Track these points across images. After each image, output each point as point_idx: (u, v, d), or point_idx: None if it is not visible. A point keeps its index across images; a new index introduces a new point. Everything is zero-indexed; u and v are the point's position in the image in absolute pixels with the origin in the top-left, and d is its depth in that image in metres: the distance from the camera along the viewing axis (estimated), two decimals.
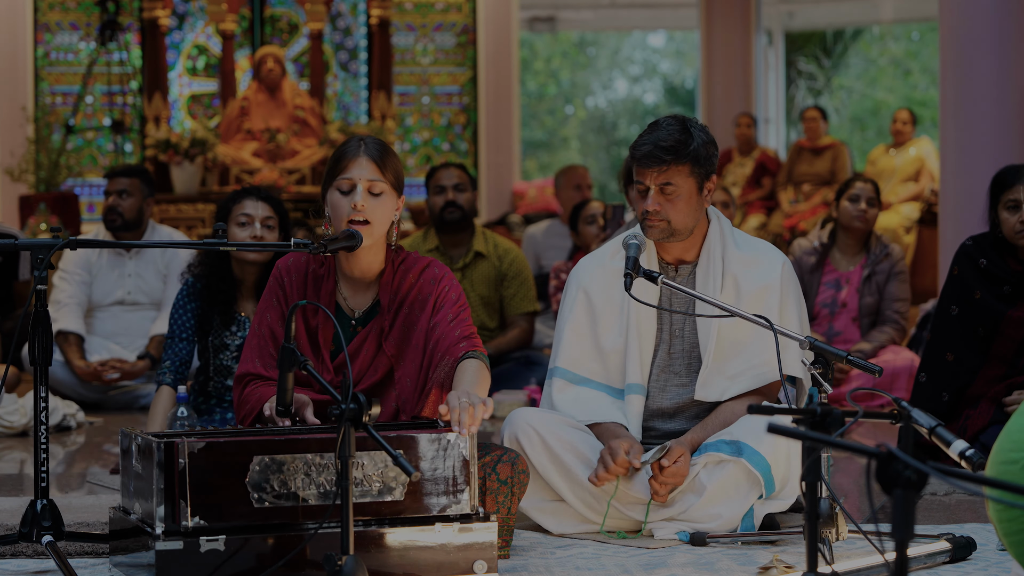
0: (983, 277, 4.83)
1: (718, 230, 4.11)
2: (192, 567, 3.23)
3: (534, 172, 21.49)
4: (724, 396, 4.04)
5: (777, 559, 3.53)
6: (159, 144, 10.80)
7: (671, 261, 4.12)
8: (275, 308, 3.82)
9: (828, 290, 6.94)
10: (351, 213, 3.71)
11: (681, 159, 3.95)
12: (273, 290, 3.84)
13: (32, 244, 3.55)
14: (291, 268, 3.85)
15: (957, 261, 4.89)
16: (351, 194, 3.73)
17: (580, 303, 4.16)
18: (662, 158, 3.94)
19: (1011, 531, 3.13)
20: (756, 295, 4.04)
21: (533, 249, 9.08)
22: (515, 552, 3.77)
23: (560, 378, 4.14)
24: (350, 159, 3.75)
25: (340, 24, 12.93)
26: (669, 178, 3.96)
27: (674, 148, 3.94)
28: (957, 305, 4.87)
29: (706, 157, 4.00)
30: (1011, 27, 7.53)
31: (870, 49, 20.82)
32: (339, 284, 3.85)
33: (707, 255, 4.09)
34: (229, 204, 5.01)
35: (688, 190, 3.98)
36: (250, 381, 3.79)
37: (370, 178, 3.74)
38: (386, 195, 3.76)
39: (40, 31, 12.51)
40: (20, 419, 6.19)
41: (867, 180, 6.97)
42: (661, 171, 3.95)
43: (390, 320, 3.79)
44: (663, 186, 3.96)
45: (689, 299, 4.08)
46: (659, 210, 3.97)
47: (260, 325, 3.83)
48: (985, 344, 4.82)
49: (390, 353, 3.77)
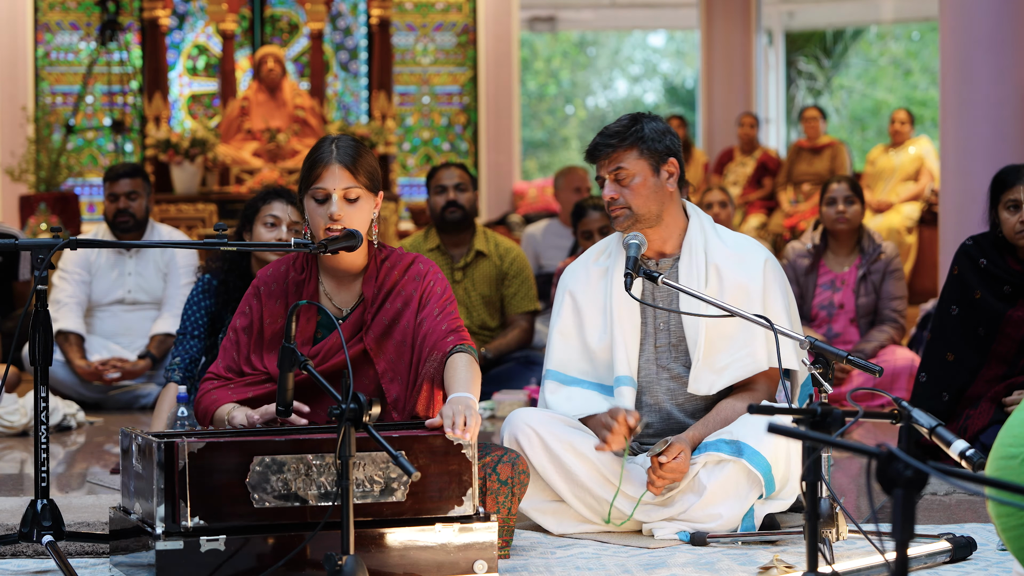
0: (983, 277, 4.83)
1: (699, 224, 4.16)
2: (192, 567, 3.23)
3: (534, 172, 21.49)
4: (713, 389, 4.07)
5: (777, 559, 3.53)
6: (159, 144, 10.80)
7: (651, 255, 4.15)
8: (245, 315, 3.84)
9: (824, 292, 6.93)
10: (328, 223, 3.73)
11: (625, 142, 4.06)
12: (248, 299, 3.86)
13: (32, 244, 3.55)
14: (269, 279, 3.86)
15: (957, 261, 4.90)
16: (326, 203, 3.75)
17: (567, 306, 4.21)
18: (608, 143, 4.07)
19: (1009, 526, 3.14)
20: (739, 287, 4.07)
21: (533, 248, 9.08)
22: (515, 552, 3.77)
23: (552, 380, 4.18)
24: (323, 166, 3.76)
25: (340, 24, 12.93)
26: (618, 162, 4.06)
27: (618, 133, 4.08)
28: (957, 305, 4.87)
29: (655, 140, 4.08)
30: (1011, 27, 7.53)
31: (870, 49, 20.83)
32: (323, 285, 3.85)
33: (689, 247, 4.12)
34: (258, 203, 5.01)
35: (642, 172, 4.06)
36: (209, 379, 3.82)
37: (344, 186, 3.75)
38: (362, 199, 3.77)
39: (40, 31, 12.51)
40: (20, 419, 6.19)
41: (841, 180, 6.94)
42: (609, 157, 4.07)
43: (372, 312, 3.79)
44: (615, 172, 4.07)
45: (676, 295, 4.09)
46: (617, 197, 4.07)
47: (231, 330, 3.86)
48: (985, 344, 4.82)
49: (369, 346, 3.78)
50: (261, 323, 3.80)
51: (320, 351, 3.75)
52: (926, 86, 20.40)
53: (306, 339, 3.80)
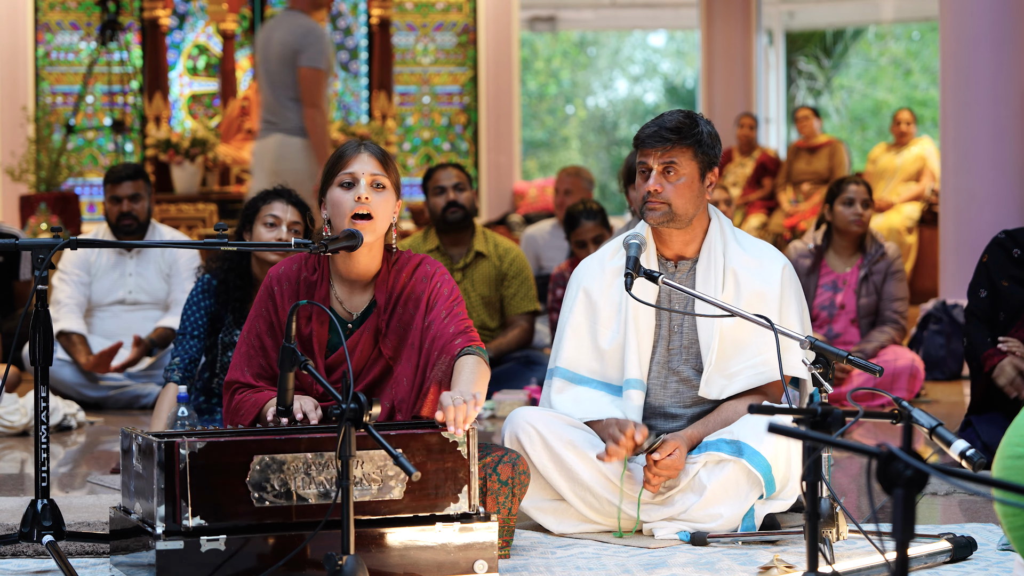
0: (1015, 265, 4.93)
1: (719, 227, 4.12)
2: (192, 567, 3.23)
3: (534, 172, 21.48)
4: (723, 394, 4.05)
5: (778, 559, 3.53)
6: (160, 144, 10.80)
7: (670, 257, 4.13)
8: (263, 318, 3.80)
9: (826, 292, 6.93)
10: (355, 206, 3.69)
11: (685, 140, 3.99)
12: (263, 299, 3.82)
13: (32, 244, 3.55)
14: (282, 277, 3.82)
15: (989, 251, 5.03)
16: (354, 188, 3.72)
17: (580, 303, 4.16)
18: (666, 137, 3.99)
19: (1015, 526, 3.14)
20: (756, 294, 4.04)
21: (533, 249, 9.08)
22: (516, 552, 3.77)
23: (560, 378, 4.14)
24: (351, 156, 3.75)
25: (341, 24, 12.93)
26: (673, 157, 3.99)
27: (679, 129, 3.99)
28: (986, 290, 5.02)
29: (710, 146, 4.03)
30: (1011, 27, 7.53)
31: (870, 49, 20.82)
32: (334, 288, 3.83)
33: (708, 251, 4.09)
34: (258, 203, 5.00)
35: (690, 174, 4.01)
36: (238, 389, 3.78)
37: (373, 172, 3.73)
38: (388, 191, 3.75)
39: (41, 31, 12.51)
40: (20, 419, 6.19)
41: (859, 181, 6.92)
42: (665, 150, 3.99)
43: (386, 320, 3.78)
44: (666, 166, 4.00)
45: (688, 297, 4.08)
46: (660, 191, 4.00)
47: (249, 334, 3.82)
48: (1004, 331, 4.96)
49: (387, 354, 3.77)
50: (281, 324, 3.77)
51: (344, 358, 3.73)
52: (926, 86, 20.39)
53: (321, 344, 3.78)
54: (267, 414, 3.66)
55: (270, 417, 3.62)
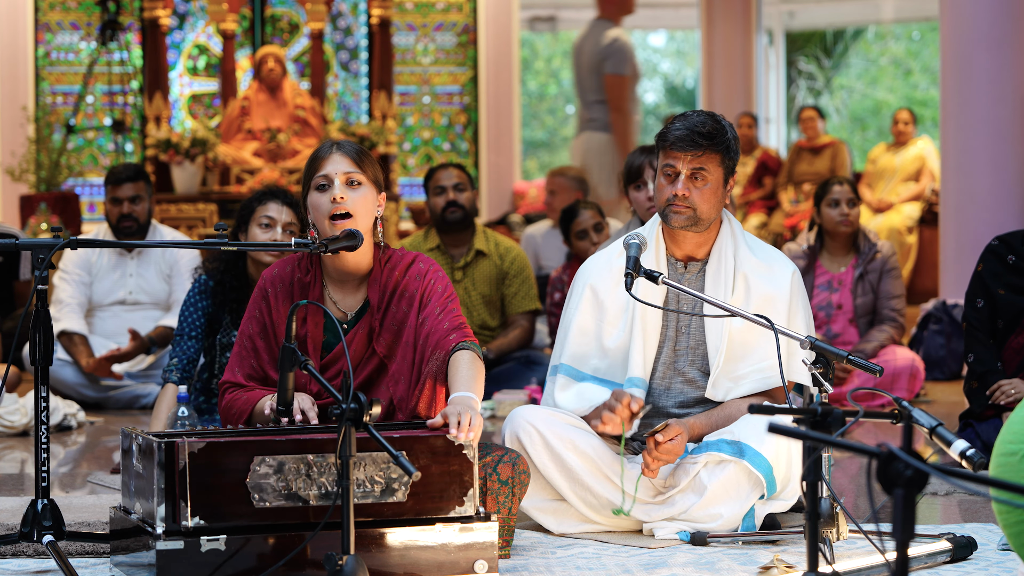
0: (1010, 271, 4.91)
1: (730, 230, 4.12)
2: (193, 567, 3.23)
3: (534, 172, 21.48)
4: (729, 397, 4.05)
5: (778, 559, 3.53)
6: (160, 144, 10.80)
7: (680, 257, 4.12)
8: (256, 319, 3.81)
9: (822, 293, 6.92)
10: (332, 207, 3.71)
11: (716, 146, 3.98)
12: (256, 302, 3.83)
13: (32, 244, 3.55)
14: (276, 279, 3.83)
15: (983, 259, 4.99)
16: (329, 189, 3.73)
17: (587, 300, 4.15)
18: (699, 143, 3.97)
19: (1010, 522, 3.16)
20: (766, 298, 4.04)
21: (532, 249, 9.08)
22: (516, 552, 3.77)
23: (564, 375, 4.12)
24: (324, 158, 3.77)
25: (341, 24, 12.93)
26: (703, 163, 3.98)
27: (711, 135, 3.98)
28: (982, 299, 4.98)
29: (735, 151, 4.04)
30: (1011, 27, 7.53)
31: (870, 49, 20.82)
32: (327, 289, 3.84)
33: (718, 253, 4.08)
34: (253, 204, 4.99)
35: (716, 180, 4.00)
36: (229, 388, 3.79)
37: (347, 170, 3.74)
38: (365, 187, 3.75)
39: (41, 31, 12.51)
40: (21, 419, 6.19)
41: (842, 181, 6.91)
42: (696, 156, 3.97)
43: (380, 318, 3.78)
44: (695, 171, 3.98)
45: (694, 298, 4.08)
46: (688, 195, 3.98)
47: (242, 335, 3.83)
48: (1003, 337, 4.95)
49: (381, 352, 3.77)
50: (274, 326, 3.78)
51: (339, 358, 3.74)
52: (926, 86, 20.39)
53: (316, 345, 3.79)
54: (264, 408, 3.66)
55: (267, 411, 3.63)
